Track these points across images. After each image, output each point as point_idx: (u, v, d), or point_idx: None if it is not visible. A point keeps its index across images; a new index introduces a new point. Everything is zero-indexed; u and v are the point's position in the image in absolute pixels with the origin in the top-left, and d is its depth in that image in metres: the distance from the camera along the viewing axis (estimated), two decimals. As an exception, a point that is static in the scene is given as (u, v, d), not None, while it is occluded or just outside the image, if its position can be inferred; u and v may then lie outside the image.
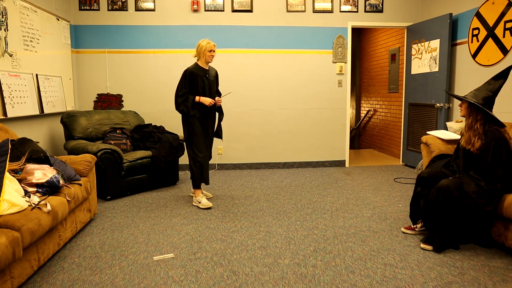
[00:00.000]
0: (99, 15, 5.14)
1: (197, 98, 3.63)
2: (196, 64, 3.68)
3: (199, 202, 3.70)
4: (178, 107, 3.65)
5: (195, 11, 5.24)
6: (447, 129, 3.93)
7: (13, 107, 3.57)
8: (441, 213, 2.59)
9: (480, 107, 2.60)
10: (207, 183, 3.88)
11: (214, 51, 3.65)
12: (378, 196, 4.07)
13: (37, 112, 4.03)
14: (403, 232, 2.98)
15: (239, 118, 5.44)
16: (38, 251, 2.29)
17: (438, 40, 4.93)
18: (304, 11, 5.39)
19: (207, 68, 3.71)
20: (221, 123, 3.94)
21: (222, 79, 4.35)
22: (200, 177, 3.77)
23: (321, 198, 4.00)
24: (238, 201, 3.92)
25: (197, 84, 3.65)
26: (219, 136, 3.95)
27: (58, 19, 4.65)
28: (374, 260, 2.51)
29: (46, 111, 4.20)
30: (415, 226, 2.96)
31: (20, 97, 3.72)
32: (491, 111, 2.63)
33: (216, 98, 3.75)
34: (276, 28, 5.39)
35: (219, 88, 3.99)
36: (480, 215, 2.60)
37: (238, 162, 5.49)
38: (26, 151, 2.73)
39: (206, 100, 3.64)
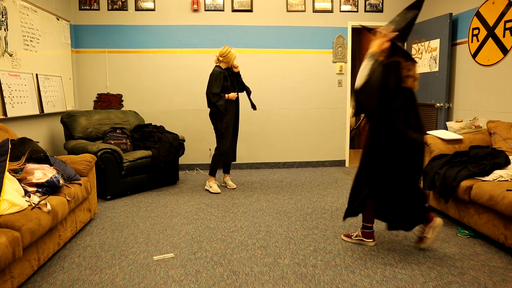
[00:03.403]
0: (99, 15, 5.14)
1: (226, 95, 4.17)
2: (220, 66, 4.20)
3: (210, 187, 4.27)
4: (213, 104, 4.12)
5: (195, 11, 5.24)
6: (447, 129, 3.93)
7: (13, 107, 3.57)
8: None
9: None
10: (226, 171, 4.53)
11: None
12: (378, 196, 4.07)
13: (37, 112, 4.03)
14: (343, 239, 2.86)
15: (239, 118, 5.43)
16: (38, 251, 2.29)
17: (438, 40, 4.93)
18: (304, 11, 5.39)
19: (235, 71, 4.29)
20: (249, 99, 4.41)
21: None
22: (217, 168, 4.34)
23: (321, 198, 4.00)
24: (238, 201, 3.92)
25: (226, 83, 4.19)
26: (255, 107, 4.44)
27: (58, 19, 4.65)
28: (374, 260, 2.51)
29: (46, 111, 4.20)
30: (351, 234, 2.86)
31: (20, 97, 3.72)
32: (403, 42, 2.50)
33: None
34: (276, 28, 5.38)
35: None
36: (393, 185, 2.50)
37: (238, 162, 5.48)
38: (26, 151, 2.73)
39: (233, 96, 4.22)
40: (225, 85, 4.17)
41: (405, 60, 2.47)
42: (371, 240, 2.70)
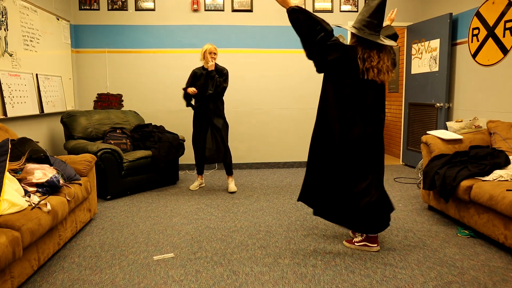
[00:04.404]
0: (99, 15, 5.14)
1: (188, 90, 4.16)
2: (202, 66, 4.21)
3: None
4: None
5: (195, 10, 5.24)
6: (447, 129, 3.93)
7: (13, 106, 3.57)
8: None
9: (355, 30, 2.41)
10: (228, 173, 4.35)
11: (214, 54, 4.10)
12: (378, 196, 4.06)
13: (37, 112, 4.03)
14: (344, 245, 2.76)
15: (239, 118, 5.44)
16: (38, 250, 2.29)
17: (438, 40, 4.93)
18: (304, 11, 5.38)
19: (208, 68, 4.09)
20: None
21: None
22: (197, 165, 4.43)
23: (321, 198, 3.99)
24: (238, 201, 3.92)
25: (198, 82, 4.18)
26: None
27: (58, 19, 4.65)
28: (374, 259, 2.51)
29: (46, 110, 4.20)
30: (354, 240, 2.77)
31: (20, 96, 3.72)
32: (375, 30, 2.38)
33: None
34: (276, 28, 5.38)
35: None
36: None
37: (238, 162, 5.48)
38: (26, 151, 2.73)
39: (190, 90, 4.15)
40: (197, 83, 4.16)
41: (368, 49, 2.37)
42: (376, 245, 2.66)
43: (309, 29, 2.38)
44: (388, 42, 2.42)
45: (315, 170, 2.59)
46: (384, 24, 2.86)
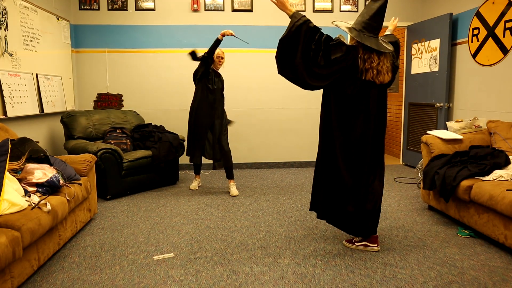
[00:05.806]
0: (99, 15, 5.14)
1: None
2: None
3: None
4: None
5: (195, 10, 5.24)
6: (447, 129, 3.93)
7: (13, 106, 3.57)
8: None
9: (353, 32, 2.44)
10: (228, 176, 4.26)
11: (222, 58, 4.14)
12: (378, 196, 4.06)
13: (37, 112, 4.03)
14: (344, 245, 2.76)
15: (239, 118, 5.43)
16: (38, 250, 2.29)
17: (438, 39, 4.93)
18: (304, 11, 5.38)
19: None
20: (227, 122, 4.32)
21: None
22: (194, 167, 4.47)
23: (321, 198, 3.99)
24: (238, 201, 3.92)
25: (209, 78, 4.08)
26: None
27: (58, 19, 4.65)
28: (374, 259, 2.51)
29: (46, 110, 4.20)
30: (354, 239, 2.76)
31: (20, 96, 3.72)
32: (374, 33, 2.41)
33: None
34: (276, 28, 5.38)
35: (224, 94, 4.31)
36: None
37: (238, 161, 5.48)
38: (26, 151, 2.73)
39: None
40: (208, 85, 4.06)
41: (368, 50, 2.39)
42: (376, 244, 2.66)
43: (311, 33, 2.41)
44: (385, 46, 2.43)
45: (322, 174, 2.60)
46: (386, 28, 2.88)
